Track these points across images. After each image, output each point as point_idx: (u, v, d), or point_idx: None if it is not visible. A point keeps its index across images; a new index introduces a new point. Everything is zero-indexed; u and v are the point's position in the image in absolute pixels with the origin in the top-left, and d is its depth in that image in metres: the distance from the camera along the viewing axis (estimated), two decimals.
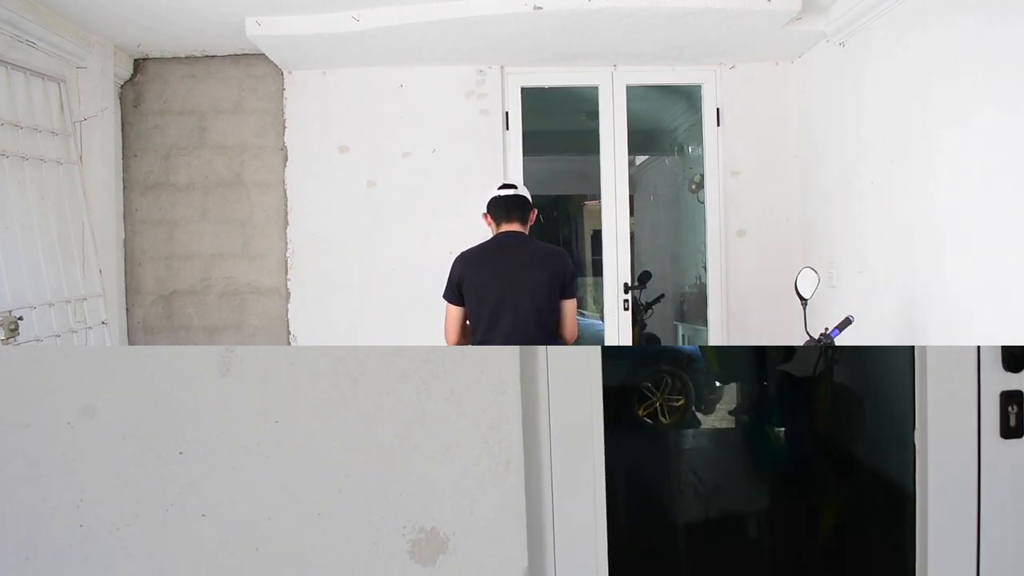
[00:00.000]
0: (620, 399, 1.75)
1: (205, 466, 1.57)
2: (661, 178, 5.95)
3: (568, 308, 2.59)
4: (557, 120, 4.93)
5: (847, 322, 2.53)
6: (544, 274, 2.54)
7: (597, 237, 4.48)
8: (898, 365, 1.75)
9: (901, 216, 2.88)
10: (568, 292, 2.58)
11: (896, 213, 2.91)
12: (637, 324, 4.40)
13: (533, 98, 3.96)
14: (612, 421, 1.64)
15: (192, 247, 3.84)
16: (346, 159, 3.84)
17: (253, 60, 3.80)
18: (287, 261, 3.85)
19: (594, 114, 3.97)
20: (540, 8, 3.07)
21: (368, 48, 3.51)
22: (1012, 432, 1.71)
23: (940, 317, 2.64)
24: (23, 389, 1.54)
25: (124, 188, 3.81)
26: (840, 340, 2.49)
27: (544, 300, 2.53)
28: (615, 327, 3.92)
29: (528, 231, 2.69)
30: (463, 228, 3.52)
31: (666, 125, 5.31)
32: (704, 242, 4.04)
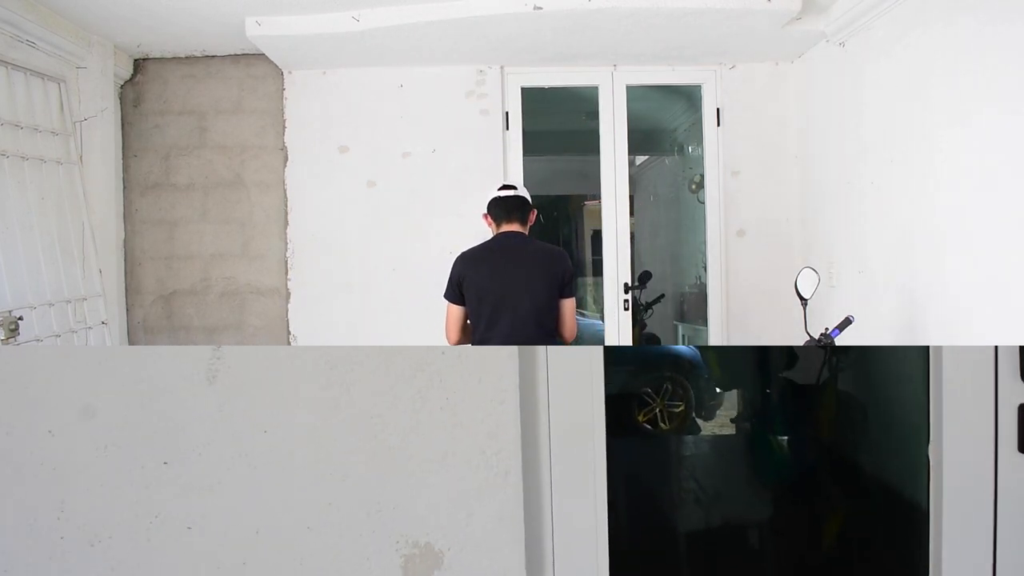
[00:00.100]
0: (620, 405, 1.70)
1: (190, 477, 1.50)
2: (661, 178, 5.95)
3: (567, 307, 2.60)
4: (557, 120, 4.93)
5: (847, 322, 2.53)
6: (543, 273, 2.55)
7: (597, 237, 4.49)
8: (904, 370, 1.71)
9: (901, 216, 2.88)
10: (567, 291, 2.59)
11: (896, 213, 2.91)
12: (637, 324, 4.39)
13: (533, 98, 3.96)
14: (612, 427, 1.59)
15: (192, 247, 3.84)
16: (346, 159, 3.84)
17: (253, 60, 3.80)
18: (287, 261, 3.85)
19: (594, 114, 3.97)
20: (540, 8, 3.07)
21: (368, 48, 3.51)
22: None
23: (940, 317, 2.64)
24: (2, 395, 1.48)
25: (124, 188, 3.81)
26: (840, 340, 2.50)
27: (543, 299, 2.54)
28: (615, 327, 3.92)
29: (528, 231, 2.71)
30: (463, 228, 3.53)
31: (666, 125, 5.31)
32: (704, 242, 4.04)
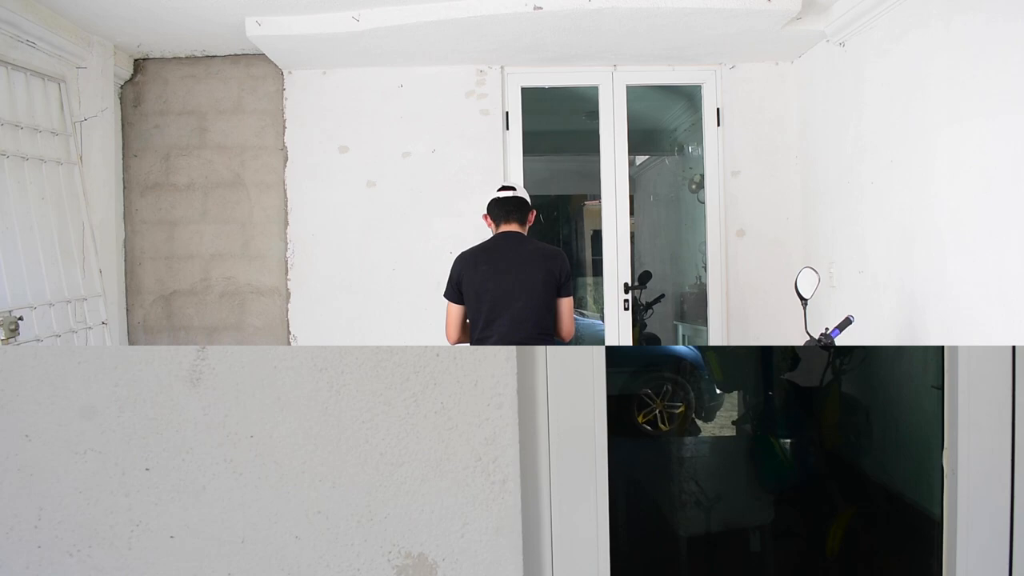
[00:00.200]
0: (620, 406, 1.66)
1: (173, 483, 1.43)
2: (661, 178, 5.95)
3: (564, 306, 2.63)
4: (557, 120, 4.94)
5: (847, 322, 2.53)
6: (540, 273, 2.57)
7: (597, 237, 4.49)
8: (910, 371, 1.67)
9: (901, 216, 2.87)
10: (564, 291, 2.62)
11: (896, 213, 2.91)
12: (637, 324, 4.40)
13: (533, 98, 3.96)
14: (612, 428, 1.55)
15: (192, 247, 3.84)
16: (346, 159, 3.84)
17: (253, 60, 3.80)
18: (287, 261, 3.85)
19: (594, 114, 3.97)
20: (540, 8, 3.07)
21: (368, 48, 3.51)
22: None
23: (940, 317, 2.64)
24: None
25: (124, 188, 3.82)
26: (840, 340, 2.50)
27: (540, 298, 2.56)
28: (615, 327, 3.92)
29: (527, 232, 2.74)
30: (463, 228, 3.53)
31: (666, 125, 5.32)
32: (704, 242, 4.04)
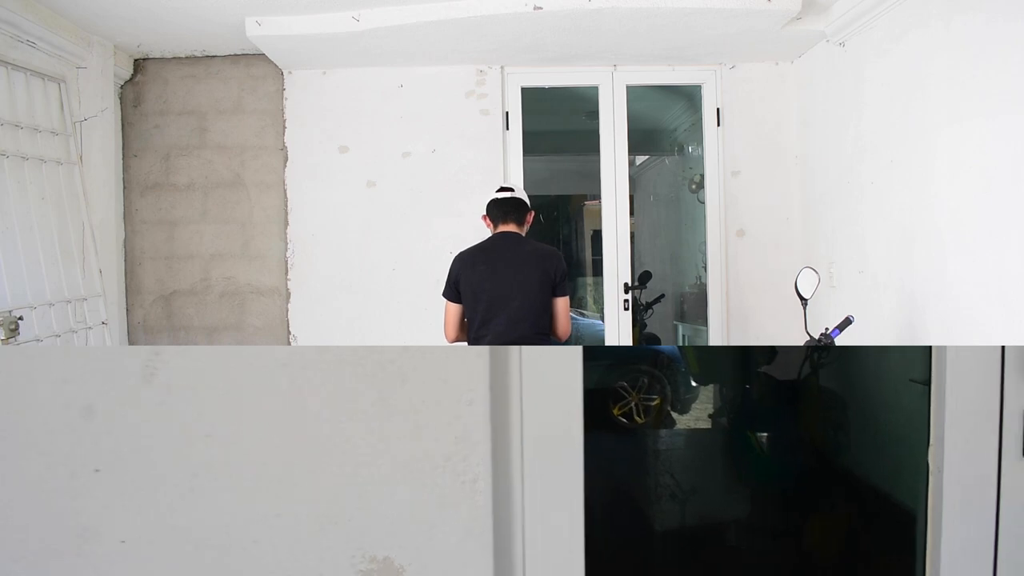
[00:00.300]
0: (596, 399, 1.63)
1: (124, 486, 1.34)
2: (661, 178, 5.95)
3: (560, 306, 2.64)
4: (557, 120, 4.94)
5: (847, 322, 2.53)
6: (536, 273, 2.59)
7: (597, 237, 4.49)
8: (890, 367, 1.66)
9: (901, 216, 2.87)
10: (560, 290, 2.63)
11: (896, 213, 2.91)
12: (637, 324, 4.40)
13: (533, 98, 3.96)
14: (587, 422, 1.51)
15: (192, 247, 3.84)
16: (346, 159, 3.84)
17: (253, 60, 3.80)
18: (287, 261, 3.85)
19: (594, 114, 3.97)
20: (540, 8, 3.07)
21: (368, 48, 3.51)
22: None
23: (940, 317, 2.64)
24: None
25: (124, 188, 3.82)
26: (840, 340, 2.50)
27: (535, 298, 2.58)
28: (615, 327, 3.92)
29: (525, 232, 2.76)
30: (463, 228, 3.53)
31: (666, 125, 5.32)
32: (704, 242, 4.04)
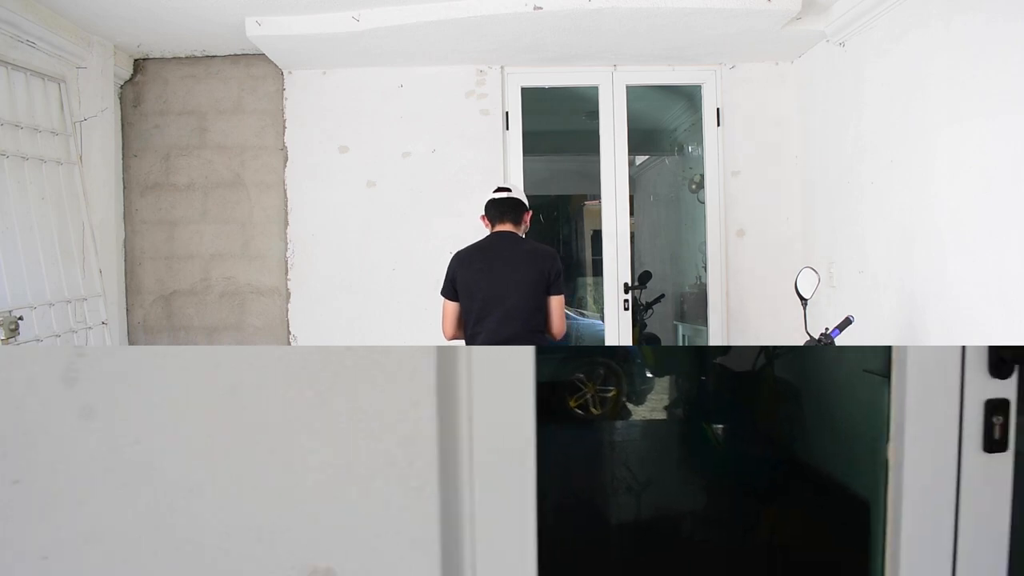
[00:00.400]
0: (551, 392, 1.62)
1: (46, 498, 1.25)
2: (661, 178, 5.95)
3: (554, 304, 2.66)
4: (557, 120, 4.94)
5: (847, 322, 2.53)
6: (530, 271, 2.61)
7: (597, 237, 4.49)
8: (844, 356, 1.66)
9: (901, 216, 2.87)
10: (554, 289, 2.65)
11: (896, 213, 2.91)
12: (637, 324, 4.40)
13: (533, 98, 3.96)
14: (542, 415, 1.48)
15: (192, 247, 3.84)
16: (346, 159, 3.84)
17: (253, 60, 3.80)
18: (287, 261, 3.85)
19: (594, 114, 3.97)
20: (540, 8, 3.07)
21: (368, 48, 3.51)
22: (996, 446, 1.51)
23: (940, 317, 2.64)
24: None
25: (124, 188, 3.82)
26: (840, 340, 2.50)
27: (529, 296, 2.60)
28: (615, 327, 3.92)
29: (522, 232, 2.78)
30: (463, 228, 3.53)
31: (666, 125, 5.31)
32: (704, 242, 4.04)
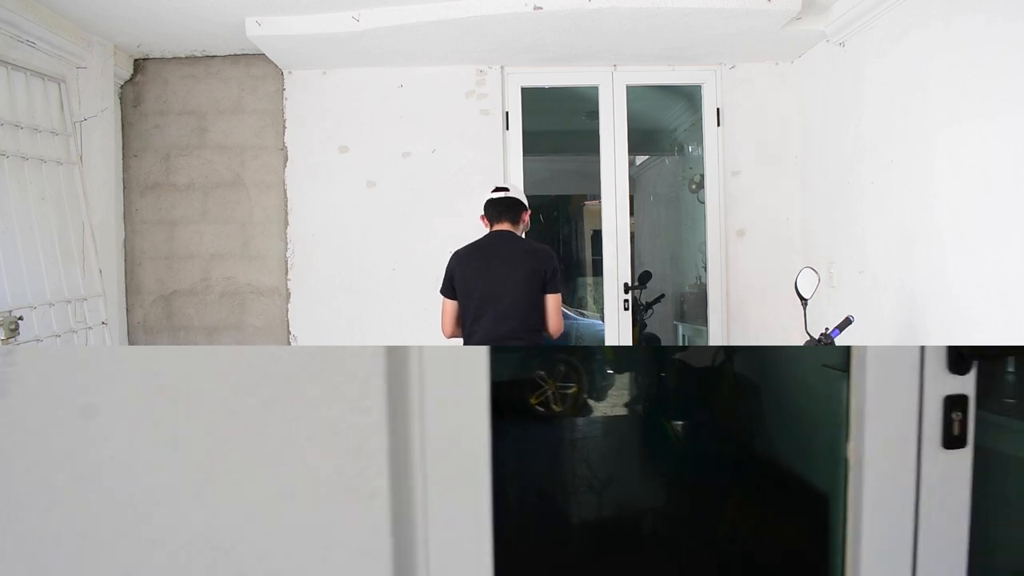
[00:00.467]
0: (512, 390, 1.61)
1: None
2: (661, 178, 5.95)
3: (551, 303, 2.66)
4: (557, 120, 4.93)
5: (847, 322, 2.53)
6: (526, 270, 2.63)
7: (597, 237, 4.49)
8: (802, 350, 1.65)
9: (901, 216, 2.87)
10: (550, 288, 2.65)
11: (896, 213, 2.91)
12: (637, 324, 4.40)
13: (533, 98, 3.96)
14: (502, 413, 1.45)
15: (192, 247, 3.84)
16: (346, 159, 3.84)
17: (253, 60, 3.80)
18: (287, 261, 3.85)
19: (594, 114, 3.97)
20: (540, 8, 3.07)
21: (368, 48, 3.51)
22: (955, 442, 1.51)
23: (940, 317, 2.64)
24: None
25: (124, 188, 3.81)
26: (841, 340, 2.50)
27: (525, 294, 2.61)
28: (615, 327, 3.92)
29: (520, 231, 2.80)
30: (463, 228, 3.52)
31: (666, 125, 5.31)
32: (704, 242, 4.04)
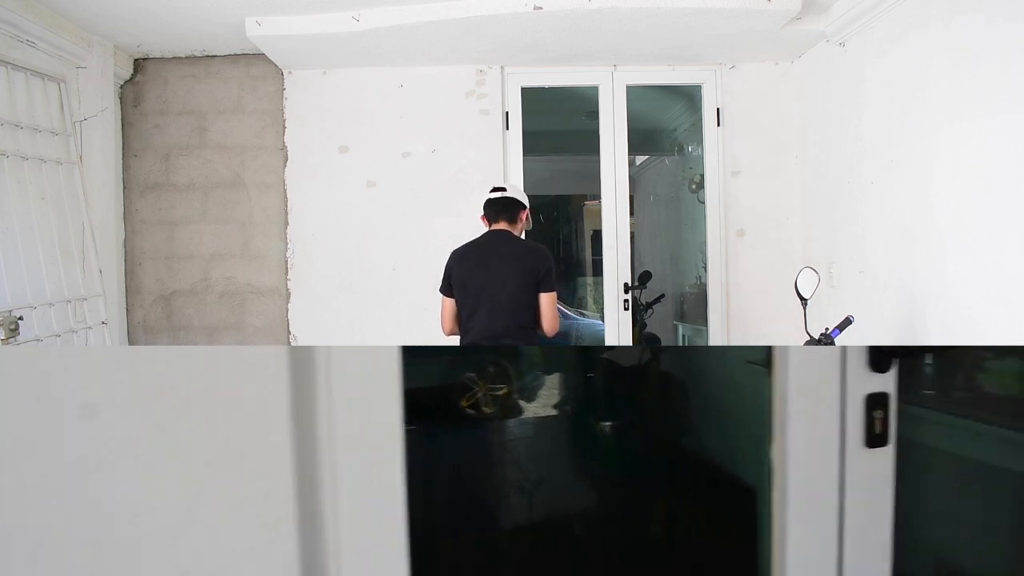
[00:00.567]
0: (442, 395, 1.60)
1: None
2: (661, 178, 5.95)
3: (545, 301, 2.67)
4: (557, 120, 4.93)
5: (847, 322, 2.54)
6: (520, 268, 2.64)
7: (597, 237, 4.49)
8: (730, 351, 1.66)
9: (901, 216, 2.87)
10: (544, 286, 2.66)
11: (896, 213, 2.91)
12: (637, 324, 4.40)
13: (533, 98, 3.96)
14: (433, 418, 1.46)
15: (192, 247, 3.84)
16: (346, 159, 3.84)
17: (253, 60, 3.80)
18: (287, 261, 3.85)
19: (594, 114, 3.97)
20: (540, 8, 3.07)
21: (368, 48, 3.51)
22: (877, 440, 1.51)
23: (940, 317, 2.64)
24: None
25: (124, 188, 3.81)
26: (840, 340, 2.50)
27: (518, 292, 2.62)
28: (615, 327, 3.91)
29: (519, 230, 2.81)
30: (463, 228, 3.51)
31: (666, 125, 5.32)
32: (704, 242, 4.04)
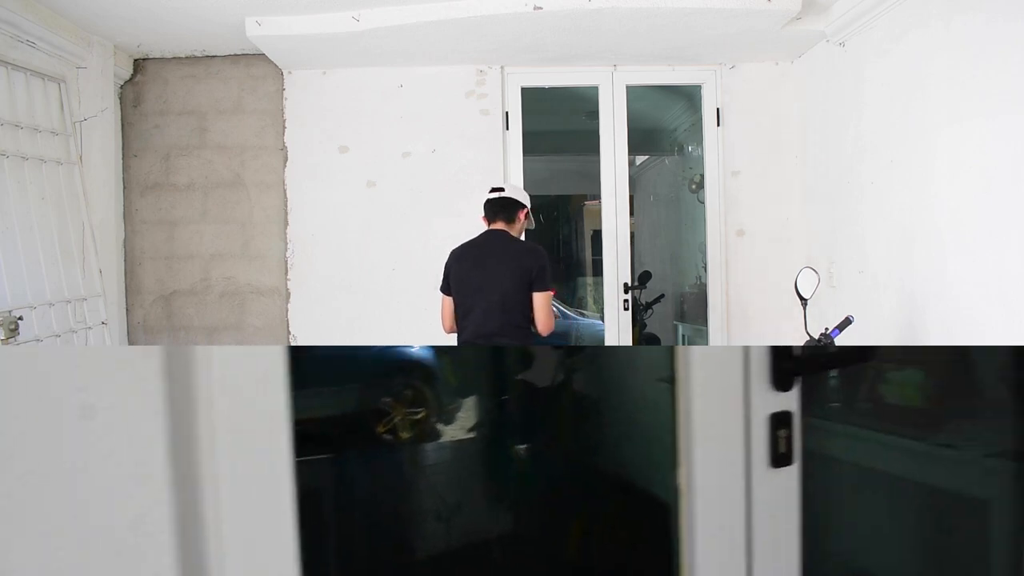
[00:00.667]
0: (357, 421, 1.55)
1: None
2: (661, 178, 5.95)
3: (538, 301, 2.67)
4: (557, 120, 4.94)
5: (847, 322, 2.53)
6: (514, 267, 2.65)
7: (597, 237, 4.49)
8: (638, 365, 1.65)
9: (901, 216, 2.87)
10: (538, 285, 2.67)
11: (896, 213, 2.91)
12: (637, 324, 4.40)
13: (533, 98, 3.96)
14: (348, 444, 1.44)
15: (192, 247, 3.84)
16: (346, 159, 3.84)
17: (253, 60, 3.80)
18: (287, 261, 3.85)
19: (594, 114, 3.97)
20: (540, 8, 3.07)
21: (368, 48, 3.51)
22: (782, 460, 1.50)
23: (940, 317, 2.64)
24: None
25: (124, 188, 3.81)
26: (840, 340, 2.50)
27: (511, 291, 2.64)
28: (615, 327, 3.92)
29: (518, 230, 2.82)
30: (463, 228, 3.51)
31: (666, 125, 5.32)
32: (704, 242, 4.04)
